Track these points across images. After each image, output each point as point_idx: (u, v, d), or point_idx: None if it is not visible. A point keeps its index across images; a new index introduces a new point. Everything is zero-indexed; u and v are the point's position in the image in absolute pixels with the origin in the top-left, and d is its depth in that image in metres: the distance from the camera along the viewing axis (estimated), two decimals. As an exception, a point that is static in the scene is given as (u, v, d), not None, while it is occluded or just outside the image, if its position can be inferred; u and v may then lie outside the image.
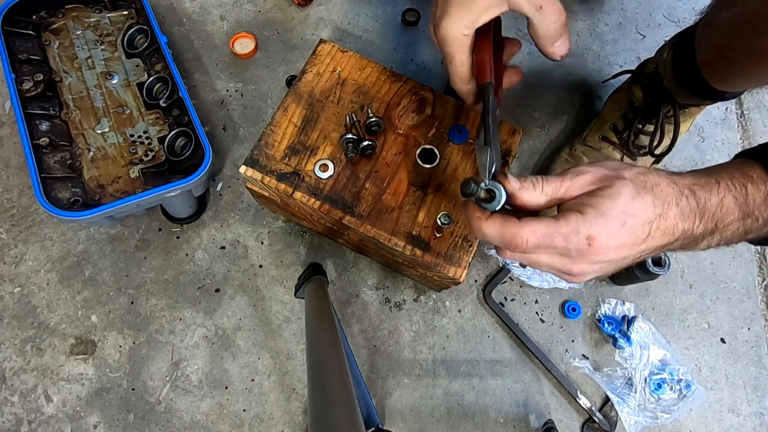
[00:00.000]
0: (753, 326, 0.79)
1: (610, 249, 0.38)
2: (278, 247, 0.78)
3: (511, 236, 0.38)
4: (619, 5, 0.99)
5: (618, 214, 0.37)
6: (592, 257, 0.38)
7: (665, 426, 0.73)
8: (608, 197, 0.38)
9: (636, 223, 0.38)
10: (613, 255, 0.39)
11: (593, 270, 0.40)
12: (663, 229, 0.38)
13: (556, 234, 0.38)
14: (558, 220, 0.38)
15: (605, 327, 0.75)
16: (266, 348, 0.73)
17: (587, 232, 0.37)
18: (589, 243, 0.37)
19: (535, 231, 0.38)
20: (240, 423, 0.69)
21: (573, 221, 0.38)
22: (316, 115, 0.65)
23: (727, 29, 0.57)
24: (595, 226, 0.37)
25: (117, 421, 0.68)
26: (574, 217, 0.38)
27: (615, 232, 0.37)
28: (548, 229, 0.38)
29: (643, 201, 0.38)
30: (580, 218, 0.38)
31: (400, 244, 0.60)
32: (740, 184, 0.40)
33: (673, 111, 0.70)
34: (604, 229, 0.37)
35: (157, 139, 0.72)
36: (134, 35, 0.78)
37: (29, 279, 0.73)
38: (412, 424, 0.71)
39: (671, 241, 0.39)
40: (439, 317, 0.76)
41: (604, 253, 0.38)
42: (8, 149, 0.79)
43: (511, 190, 0.40)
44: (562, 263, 0.40)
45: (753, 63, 0.55)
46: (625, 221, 0.37)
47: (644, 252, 0.40)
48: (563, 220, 0.38)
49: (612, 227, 0.37)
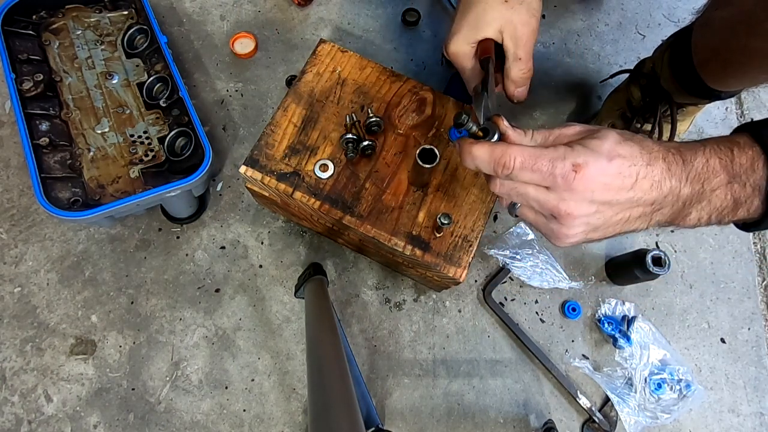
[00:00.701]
0: (753, 326, 0.79)
1: (597, 184, 0.38)
2: (278, 247, 0.78)
3: (500, 154, 0.40)
4: (619, 5, 0.99)
5: (605, 151, 0.38)
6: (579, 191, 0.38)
7: (665, 426, 0.73)
8: (596, 138, 0.39)
9: (623, 164, 0.38)
10: (601, 194, 0.39)
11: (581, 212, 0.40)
12: (651, 180, 0.39)
13: (543, 156, 0.39)
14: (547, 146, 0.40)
15: (605, 327, 0.75)
16: (266, 348, 0.73)
17: (574, 160, 0.38)
18: (575, 170, 0.38)
19: (523, 150, 0.39)
20: (240, 423, 0.69)
21: (561, 149, 0.39)
22: (316, 115, 0.65)
23: (723, 29, 0.57)
24: (582, 156, 0.38)
25: (117, 421, 0.68)
26: (562, 147, 0.39)
27: (602, 167, 0.38)
28: (535, 150, 0.39)
29: (629, 146, 0.39)
30: (567, 149, 0.39)
31: (400, 244, 0.60)
32: (726, 148, 0.40)
33: (670, 110, 0.70)
34: (591, 161, 0.38)
35: (157, 139, 0.72)
36: (134, 35, 0.78)
37: (29, 279, 0.73)
38: (412, 424, 0.71)
39: (659, 197, 0.39)
40: (439, 317, 0.76)
41: (591, 188, 0.38)
42: (8, 149, 0.79)
43: (504, 129, 0.43)
44: (548, 198, 0.40)
45: (748, 62, 0.55)
46: (613, 158, 0.38)
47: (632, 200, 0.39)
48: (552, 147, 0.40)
49: (599, 161, 0.38)
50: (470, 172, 0.64)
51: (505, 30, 0.54)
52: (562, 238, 0.42)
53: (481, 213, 0.62)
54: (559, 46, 0.93)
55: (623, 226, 0.41)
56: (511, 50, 0.55)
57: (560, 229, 0.41)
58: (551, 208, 0.40)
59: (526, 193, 0.41)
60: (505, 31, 0.54)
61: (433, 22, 0.94)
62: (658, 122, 0.72)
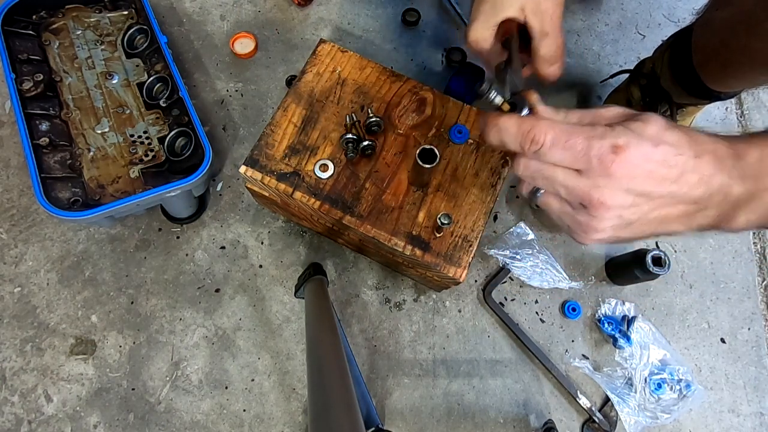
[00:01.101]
0: (753, 326, 0.79)
1: (639, 171, 0.33)
2: (278, 247, 0.78)
3: (529, 127, 0.34)
4: (619, 5, 0.99)
5: (650, 135, 0.33)
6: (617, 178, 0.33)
7: (665, 426, 0.73)
8: (639, 121, 0.34)
9: (669, 152, 0.33)
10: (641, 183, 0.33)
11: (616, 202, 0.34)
12: (699, 174, 0.33)
13: (579, 132, 0.33)
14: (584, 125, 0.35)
15: (605, 327, 0.75)
16: (266, 348, 0.73)
17: (614, 140, 0.32)
18: (614, 152, 0.32)
19: (555, 125, 0.34)
20: (240, 423, 0.69)
21: (599, 128, 0.34)
22: (316, 115, 0.65)
23: (723, 29, 0.57)
24: (623, 137, 0.33)
25: (117, 421, 0.68)
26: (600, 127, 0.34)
27: (647, 152, 0.32)
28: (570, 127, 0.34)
29: (677, 134, 0.33)
30: (606, 128, 0.33)
31: (400, 244, 0.60)
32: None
33: (670, 110, 0.70)
34: (634, 143, 0.32)
35: (157, 139, 0.72)
36: (134, 35, 0.78)
37: (29, 279, 0.73)
38: (412, 424, 0.71)
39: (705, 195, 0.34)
40: (439, 317, 0.76)
41: (631, 175, 0.33)
42: (8, 149, 0.79)
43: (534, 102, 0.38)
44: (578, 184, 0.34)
45: (748, 63, 0.55)
46: (658, 144, 0.33)
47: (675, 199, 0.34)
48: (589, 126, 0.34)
49: (643, 144, 0.32)
50: (470, 172, 0.64)
51: (526, 7, 0.50)
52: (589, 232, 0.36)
53: (481, 213, 0.62)
54: (559, 46, 0.93)
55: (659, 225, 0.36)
56: (537, 27, 0.51)
57: (589, 221, 0.36)
58: (581, 195, 0.35)
59: (553, 177, 0.35)
60: (527, 8, 0.50)
61: (433, 22, 0.94)
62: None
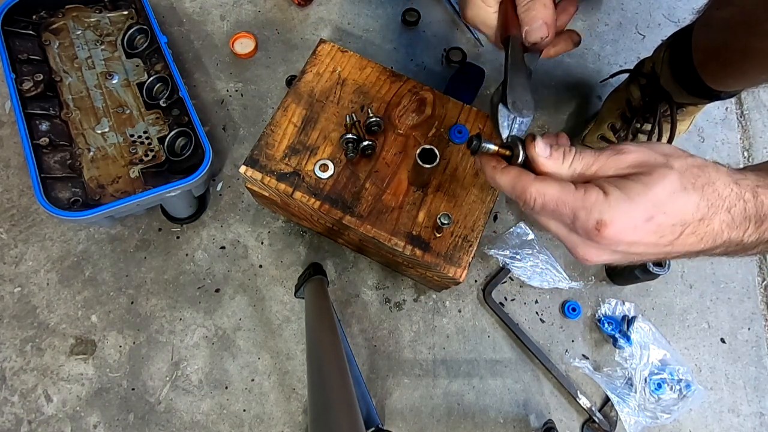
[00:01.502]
0: (753, 326, 0.79)
1: (622, 242, 0.33)
2: (278, 247, 0.78)
3: (521, 191, 0.35)
4: (619, 5, 0.99)
5: (646, 206, 0.32)
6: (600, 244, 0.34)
7: (665, 426, 0.73)
8: (642, 183, 0.32)
9: (666, 222, 0.32)
10: (626, 248, 0.34)
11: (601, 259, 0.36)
12: (700, 235, 0.33)
13: (566, 204, 0.33)
14: (577, 189, 0.34)
15: (605, 327, 0.75)
16: (266, 348, 0.73)
17: (599, 216, 0.32)
18: (597, 228, 0.32)
19: (545, 193, 0.34)
20: (240, 423, 0.69)
21: (590, 197, 0.33)
22: (316, 115, 0.65)
23: (723, 29, 0.57)
24: (612, 211, 0.32)
25: (117, 421, 0.68)
26: (595, 193, 0.33)
27: (635, 226, 0.32)
28: (560, 194, 0.34)
29: (684, 199, 0.32)
30: (599, 197, 0.33)
31: (400, 244, 0.60)
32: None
33: (670, 110, 0.70)
34: (622, 218, 0.32)
35: (157, 139, 0.72)
36: (134, 35, 0.78)
37: (29, 279, 0.73)
38: (412, 424, 0.71)
39: (709, 248, 0.34)
40: (439, 317, 0.76)
41: (614, 244, 0.33)
42: (8, 149, 0.79)
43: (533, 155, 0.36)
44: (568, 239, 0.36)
45: (748, 62, 0.55)
46: (653, 216, 0.32)
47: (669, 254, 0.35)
48: (582, 192, 0.33)
49: (633, 218, 0.32)
50: (470, 172, 0.64)
51: None
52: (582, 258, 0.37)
53: (481, 213, 0.62)
54: (559, 46, 0.93)
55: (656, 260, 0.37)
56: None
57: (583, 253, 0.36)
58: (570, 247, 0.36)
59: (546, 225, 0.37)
60: None
61: (433, 22, 0.94)
62: (658, 122, 0.72)
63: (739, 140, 0.92)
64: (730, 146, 0.90)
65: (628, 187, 0.32)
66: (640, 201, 0.32)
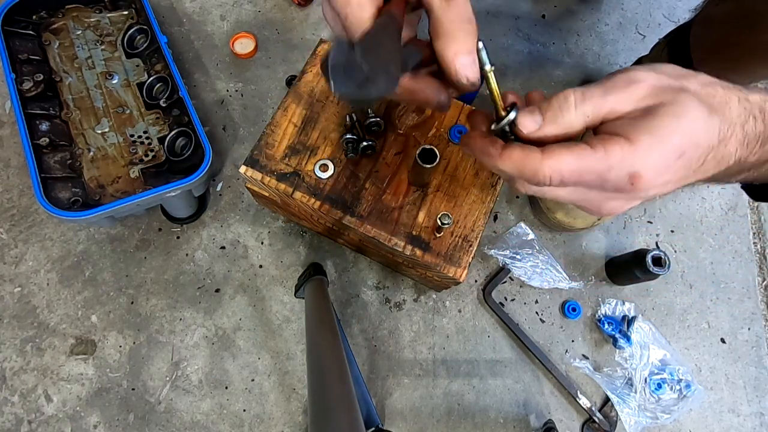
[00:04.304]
0: (753, 326, 0.79)
1: (656, 186, 0.30)
2: (278, 247, 0.78)
3: (532, 174, 0.30)
4: (619, 5, 0.99)
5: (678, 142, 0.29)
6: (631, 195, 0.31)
7: (665, 426, 0.73)
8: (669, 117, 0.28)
9: (695, 154, 0.29)
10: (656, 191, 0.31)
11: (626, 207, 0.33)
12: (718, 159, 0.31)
13: (589, 171, 0.29)
14: (595, 149, 0.29)
15: (605, 327, 0.75)
16: (266, 348, 0.73)
17: (633, 168, 0.29)
18: (631, 182, 0.29)
19: (561, 169, 0.30)
20: (240, 423, 0.69)
21: (614, 153, 0.29)
22: (316, 115, 0.65)
23: (722, 24, 0.57)
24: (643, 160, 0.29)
25: (117, 421, 0.68)
26: (619, 146, 0.29)
27: (668, 166, 0.29)
28: (578, 164, 0.29)
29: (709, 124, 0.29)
30: (627, 148, 0.29)
31: (400, 244, 0.60)
32: None
33: None
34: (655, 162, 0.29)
35: (157, 139, 0.72)
36: (134, 35, 0.78)
37: (29, 279, 0.73)
38: (412, 424, 0.71)
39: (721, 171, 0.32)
40: (439, 317, 0.76)
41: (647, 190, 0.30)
42: (8, 149, 0.79)
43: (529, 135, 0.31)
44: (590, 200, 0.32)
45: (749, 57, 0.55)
46: (685, 151, 0.29)
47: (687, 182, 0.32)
48: (602, 151, 0.29)
49: (667, 158, 0.29)
50: (470, 172, 0.64)
51: None
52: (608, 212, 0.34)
53: (481, 213, 0.62)
54: (559, 46, 0.93)
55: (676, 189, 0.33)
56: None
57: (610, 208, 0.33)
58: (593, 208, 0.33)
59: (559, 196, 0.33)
60: None
61: (433, 22, 0.94)
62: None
63: (739, 140, 0.91)
64: (730, 146, 0.90)
65: (655, 126, 0.29)
66: (671, 139, 0.28)
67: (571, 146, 0.30)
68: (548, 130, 0.31)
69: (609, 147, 0.29)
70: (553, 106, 0.31)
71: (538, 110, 0.31)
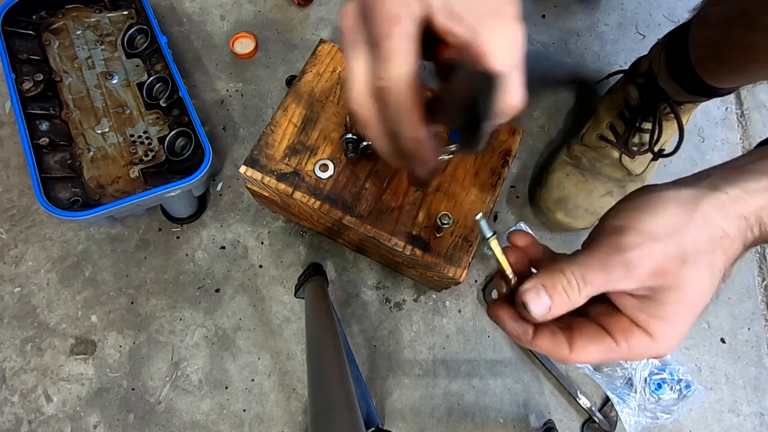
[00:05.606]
0: (753, 326, 0.79)
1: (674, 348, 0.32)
2: (278, 247, 0.78)
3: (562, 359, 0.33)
4: (619, 5, 0.99)
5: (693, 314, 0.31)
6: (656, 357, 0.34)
7: (665, 426, 0.73)
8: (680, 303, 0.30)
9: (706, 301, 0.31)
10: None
11: None
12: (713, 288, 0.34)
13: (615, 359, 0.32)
14: (619, 345, 0.31)
15: (605, 327, 0.75)
16: (266, 348, 0.73)
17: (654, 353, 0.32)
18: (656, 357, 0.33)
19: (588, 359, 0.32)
20: (240, 423, 0.69)
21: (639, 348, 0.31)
22: (316, 115, 0.65)
23: (720, 25, 0.57)
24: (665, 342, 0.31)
25: (117, 421, 0.68)
26: (640, 341, 0.31)
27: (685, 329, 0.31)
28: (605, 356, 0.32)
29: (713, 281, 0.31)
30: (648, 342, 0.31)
31: (400, 244, 0.60)
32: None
33: (671, 109, 0.70)
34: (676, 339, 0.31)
35: (157, 139, 0.72)
36: (134, 35, 0.78)
37: (29, 279, 0.73)
38: (412, 424, 0.71)
39: None
40: (439, 317, 0.76)
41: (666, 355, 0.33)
42: (8, 149, 0.79)
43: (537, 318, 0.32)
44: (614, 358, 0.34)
45: (747, 58, 0.55)
46: (698, 311, 0.31)
47: None
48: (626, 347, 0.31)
49: (685, 330, 0.31)
50: (470, 172, 0.64)
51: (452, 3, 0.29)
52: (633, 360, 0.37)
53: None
54: (559, 46, 0.93)
55: None
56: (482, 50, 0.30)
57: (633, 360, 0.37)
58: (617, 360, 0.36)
59: None
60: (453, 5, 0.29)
61: (433, 22, 0.94)
62: (658, 121, 0.72)
63: (739, 140, 0.92)
64: (730, 146, 0.90)
65: (667, 314, 0.30)
66: (686, 317, 0.31)
67: (597, 341, 0.32)
68: (557, 311, 0.32)
69: (631, 342, 0.31)
70: (558, 289, 0.32)
71: (544, 289, 0.32)
